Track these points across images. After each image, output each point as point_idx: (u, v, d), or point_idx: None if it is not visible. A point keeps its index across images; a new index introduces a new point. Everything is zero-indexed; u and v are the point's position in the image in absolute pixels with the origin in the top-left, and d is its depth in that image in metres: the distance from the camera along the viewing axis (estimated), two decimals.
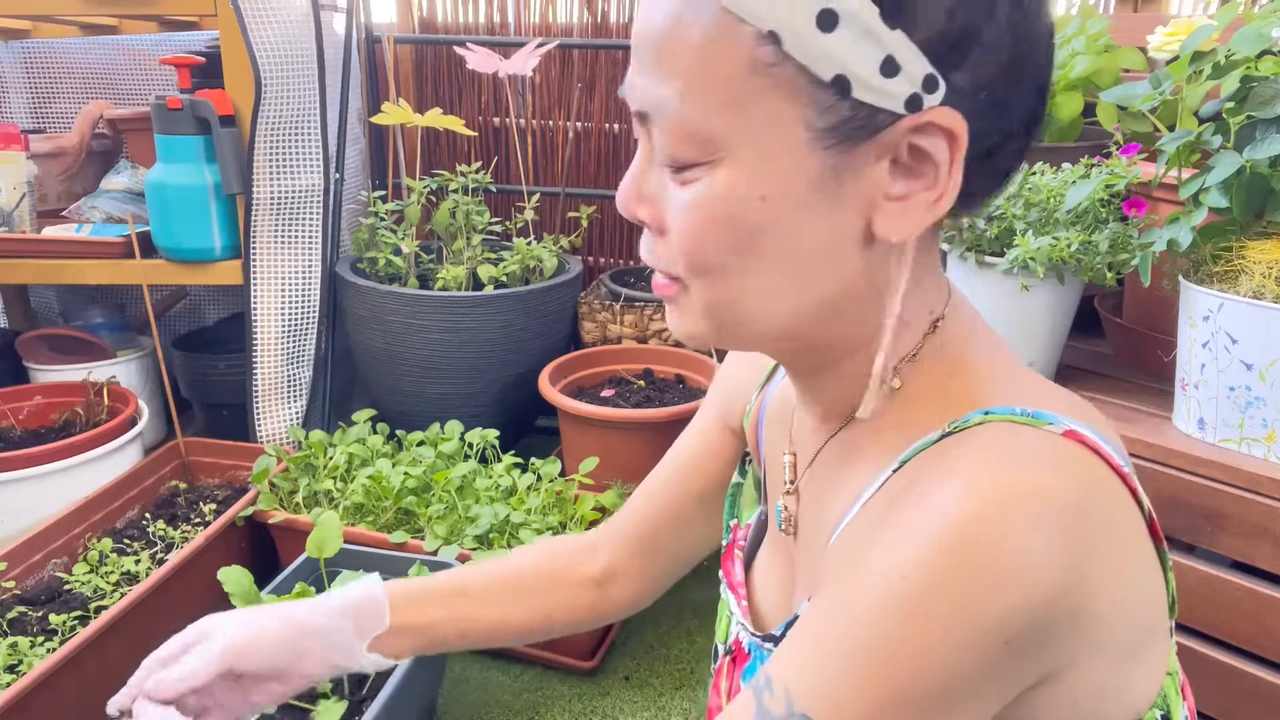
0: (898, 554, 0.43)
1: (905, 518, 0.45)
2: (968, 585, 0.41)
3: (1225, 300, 0.97)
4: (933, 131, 0.45)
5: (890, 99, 0.44)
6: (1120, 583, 0.45)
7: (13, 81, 2.15)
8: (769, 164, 0.46)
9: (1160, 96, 1.08)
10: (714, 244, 0.48)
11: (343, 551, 1.37)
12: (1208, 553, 1.03)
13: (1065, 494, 0.43)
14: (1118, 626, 0.46)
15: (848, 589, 0.45)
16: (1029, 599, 0.41)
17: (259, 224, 1.78)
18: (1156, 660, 0.51)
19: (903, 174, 0.46)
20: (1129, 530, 0.47)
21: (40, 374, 1.92)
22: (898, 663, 0.42)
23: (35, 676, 1.09)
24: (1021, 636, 0.42)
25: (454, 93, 2.35)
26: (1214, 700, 1.02)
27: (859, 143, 0.45)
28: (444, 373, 1.81)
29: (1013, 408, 0.48)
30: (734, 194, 0.46)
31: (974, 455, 0.46)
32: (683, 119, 0.46)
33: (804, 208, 0.46)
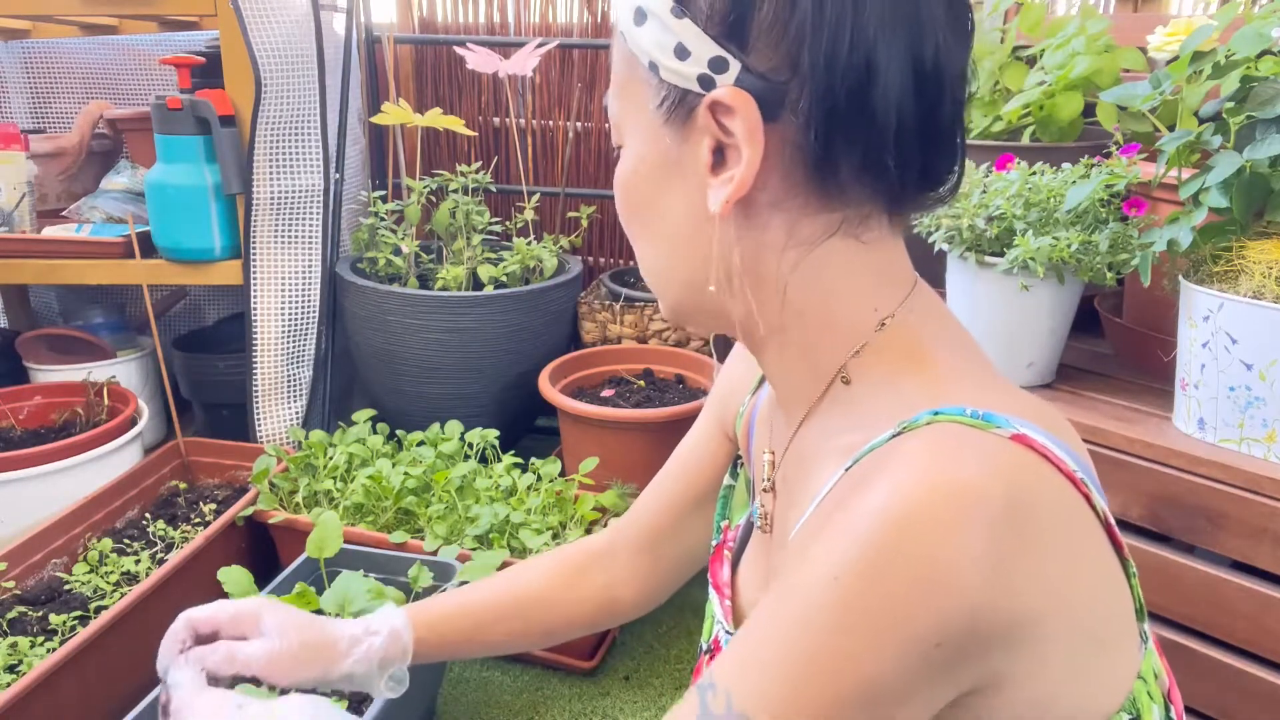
0: (830, 555, 0.44)
1: (841, 518, 0.45)
2: (894, 589, 0.41)
3: (1225, 300, 0.97)
4: (730, 110, 0.49)
5: (686, 80, 0.50)
6: (1064, 583, 0.45)
7: (13, 81, 2.15)
8: (640, 142, 0.54)
9: (1160, 96, 1.08)
10: (625, 217, 0.58)
11: (343, 551, 1.37)
12: (1208, 553, 1.02)
13: (997, 494, 0.43)
14: (1063, 631, 0.45)
15: (786, 590, 0.46)
16: (958, 600, 0.41)
17: (259, 224, 1.78)
18: (1121, 667, 0.50)
19: (728, 153, 0.50)
20: (1075, 533, 0.46)
21: (40, 374, 1.92)
22: (830, 667, 0.42)
23: (35, 676, 1.09)
24: (952, 639, 0.42)
25: (454, 93, 2.35)
26: (1214, 700, 1.02)
27: (683, 122, 0.51)
28: (444, 373, 1.81)
29: (963, 408, 0.48)
30: (625, 170, 0.56)
31: (910, 455, 0.46)
32: (610, 109, 0.57)
33: (664, 182, 0.54)
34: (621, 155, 0.56)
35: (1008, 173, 1.16)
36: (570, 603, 0.83)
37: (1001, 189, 1.14)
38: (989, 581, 0.42)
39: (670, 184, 0.53)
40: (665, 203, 0.54)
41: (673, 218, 0.54)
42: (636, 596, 0.84)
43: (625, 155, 0.56)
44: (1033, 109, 1.34)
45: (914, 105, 0.48)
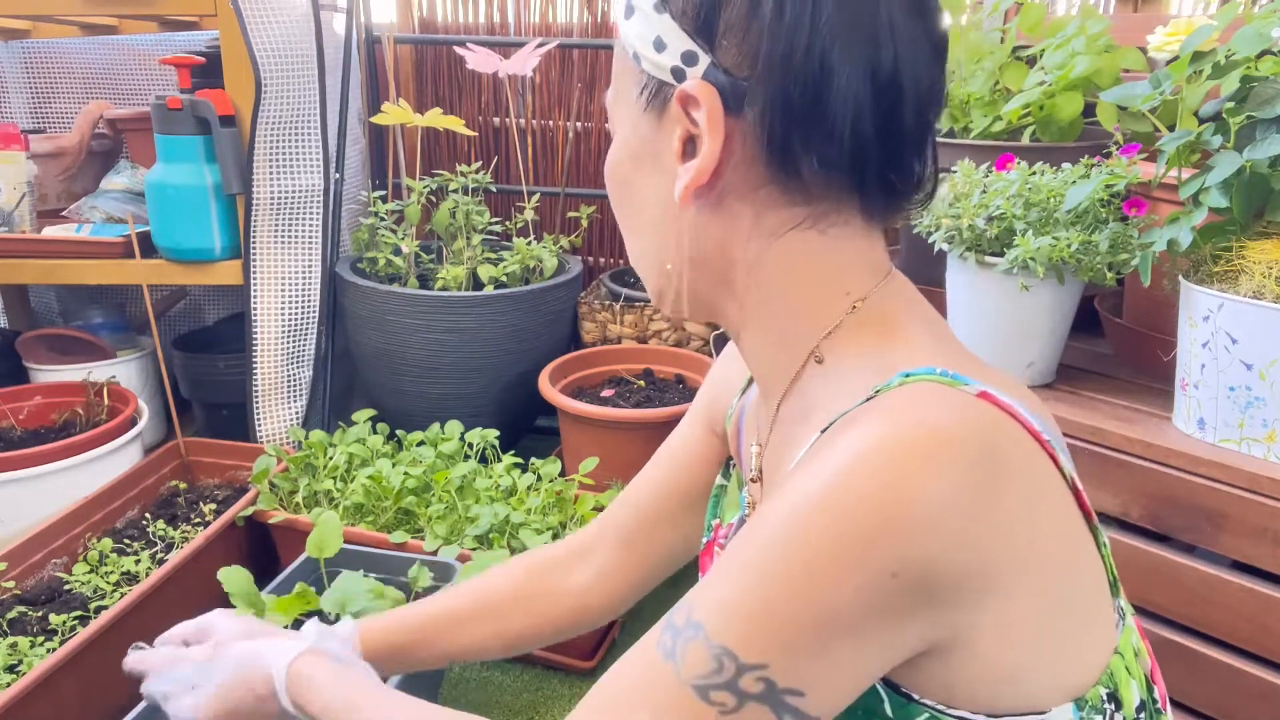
0: (797, 486, 0.45)
1: (818, 459, 0.46)
2: (856, 522, 0.42)
3: (1225, 300, 0.97)
4: (694, 102, 0.52)
5: (661, 70, 0.53)
6: (1029, 538, 0.46)
7: (13, 81, 2.15)
8: (625, 129, 0.58)
9: (1160, 96, 1.08)
10: (614, 203, 0.61)
11: (343, 551, 1.37)
12: (1208, 553, 1.02)
13: (964, 441, 0.44)
14: (1030, 587, 0.46)
15: (753, 520, 0.47)
16: (920, 534, 0.42)
17: (259, 224, 1.78)
18: (1097, 637, 0.51)
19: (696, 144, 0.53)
20: (1041, 490, 0.48)
21: (40, 374, 1.92)
22: (784, 579, 0.43)
23: (35, 676, 1.09)
24: (910, 573, 0.42)
25: (454, 93, 2.35)
26: (1214, 700, 1.02)
27: (660, 112, 0.54)
28: (444, 373, 1.81)
29: (933, 368, 0.50)
30: (612, 156, 0.59)
31: (888, 406, 0.47)
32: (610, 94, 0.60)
33: (646, 169, 0.57)
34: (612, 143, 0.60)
35: (1008, 173, 1.16)
36: (541, 607, 0.82)
37: (1001, 189, 1.14)
38: (954, 523, 0.42)
39: (648, 171, 0.57)
40: (644, 190, 0.58)
41: (650, 204, 0.58)
42: (609, 597, 0.83)
43: (614, 143, 0.59)
44: (1033, 109, 1.34)
45: (871, 112, 0.50)
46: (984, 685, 0.47)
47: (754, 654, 0.43)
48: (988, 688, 0.47)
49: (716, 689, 0.44)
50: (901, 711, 0.49)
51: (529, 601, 0.82)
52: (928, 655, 0.46)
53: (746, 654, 0.44)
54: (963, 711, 0.48)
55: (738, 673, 0.44)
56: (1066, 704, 0.49)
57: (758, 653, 0.43)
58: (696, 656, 0.45)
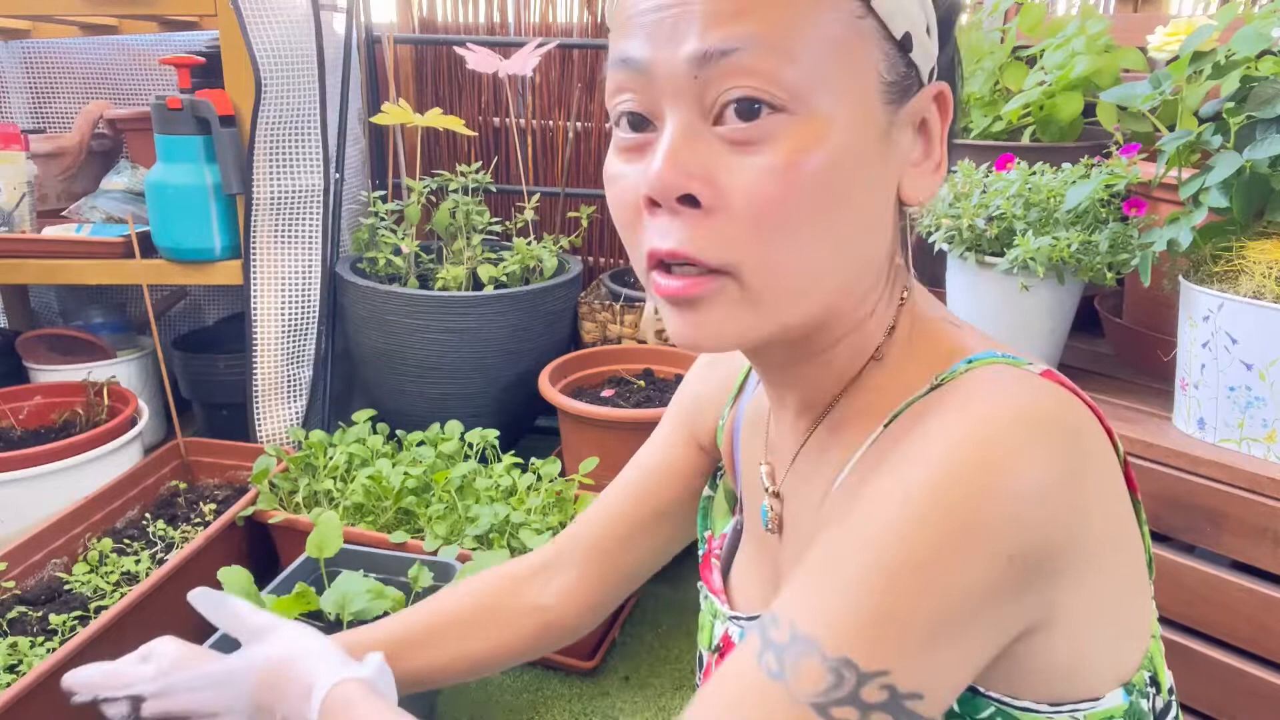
0: (899, 479, 0.44)
1: (905, 451, 0.45)
2: (970, 500, 0.42)
3: (1225, 300, 0.97)
4: (938, 100, 0.50)
5: (929, 61, 0.49)
6: (1107, 513, 0.47)
7: (13, 81, 2.15)
8: (852, 112, 0.46)
9: (1160, 96, 1.08)
10: (796, 207, 0.45)
11: (343, 551, 1.37)
12: (1208, 553, 1.02)
13: (1063, 419, 0.45)
14: (1108, 562, 0.46)
15: (847, 523, 0.45)
16: (1032, 514, 0.42)
17: (259, 224, 1.78)
18: (1143, 618, 0.52)
19: (921, 141, 0.51)
20: (1111, 467, 0.48)
21: (40, 374, 1.92)
22: (900, 579, 0.42)
23: (35, 676, 1.09)
24: (1023, 552, 0.42)
25: (454, 93, 2.35)
26: (1214, 700, 1.02)
27: (903, 104, 0.48)
28: (444, 373, 1.81)
29: (992, 352, 0.51)
30: (826, 143, 0.45)
31: (967, 392, 0.47)
32: (771, 54, 0.44)
33: (873, 163, 0.48)
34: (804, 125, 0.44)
35: (1008, 173, 1.16)
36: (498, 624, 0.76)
37: (1001, 189, 1.14)
38: (1056, 499, 0.43)
39: (877, 165, 0.48)
40: (870, 185, 0.48)
41: (872, 202, 0.48)
42: (577, 613, 0.78)
43: (821, 125, 0.45)
44: (1033, 109, 1.34)
45: None
46: (1051, 674, 0.47)
47: (875, 661, 0.42)
48: (1054, 676, 0.47)
49: (838, 704, 0.42)
50: (968, 705, 0.48)
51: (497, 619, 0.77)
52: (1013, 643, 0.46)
53: (868, 662, 0.42)
54: (1027, 702, 0.47)
55: (859, 683, 0.42)
56: (1118, 689, 0.49)
57: (879, 659, 0.42)
58: (810, 672, 0.42)
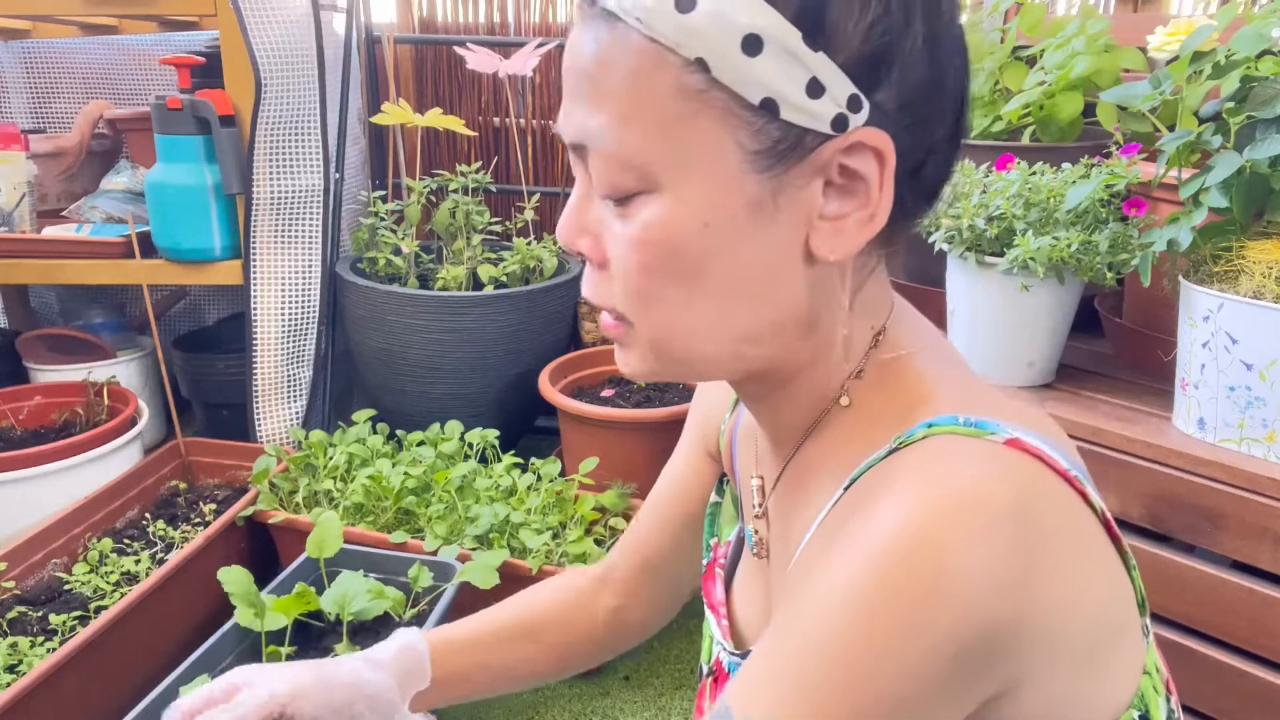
0: (839, 576, 0.43)
1: (846, 537, 0.44)
2: (907, 603, 0.41)
3: (1225, 300, 0.97)
4: (861, 151, 0.46)
5: (817, 119, 0.45)
6: (1072, 587, 0.45)
7: (13, 81, 2.15)
8: (707, 190, 0.46)
9: (1160, 96, 1.08)
10: (659, 275, 0.48)
11: (343, 551, 1.37)
12: (1208, 553, 1.02)
13: (1003, 501, 0.42)
14: (1075, 631, 0.45)
15: (795, 614, 0.45)
16: (972, 610, 0.41)
17: (259, 224, 1.78)
18: (1129, 661, 0.50)
19: (836, 194, 0.47)
20: (1077, 533, 0.46)
21: (40, 374, 1.92)
22: (845, 686, 0.41)
23: (35, 676, 1.09)
24: (970, 649, 0.41)
25: (454, 93, 2.35)
26: (1214, 700, 1.02)
27: (792, 164, 0.46)
28: (444, 373, 1.81)
29: (955, 417, 0.48)
30: (675, 222, 0.46)
31: (912, 470, 0.45)
32: (617, 148, 0.46)
33: (745, 232, 0.47)
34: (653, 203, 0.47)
35: (1008, 173, 1.16)
36: (581, 622, 0.81)
37: (1001, 189, 1.14)
38: (1002, 589, 0.41)
39: (748, 233, 0.47)
40: (736, 254, 0.48)
41: (742, 270, 0.48)
42: (643, 620, 0.82)
43: (672, 204, 0.47)
44: (1033, 109, 1.34)
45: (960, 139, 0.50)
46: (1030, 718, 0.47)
47: None
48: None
49: None
50: None
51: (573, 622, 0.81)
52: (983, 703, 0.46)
53: None
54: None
55: None
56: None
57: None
58: None
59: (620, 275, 0.49)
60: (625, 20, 0.45)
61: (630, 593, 0.81)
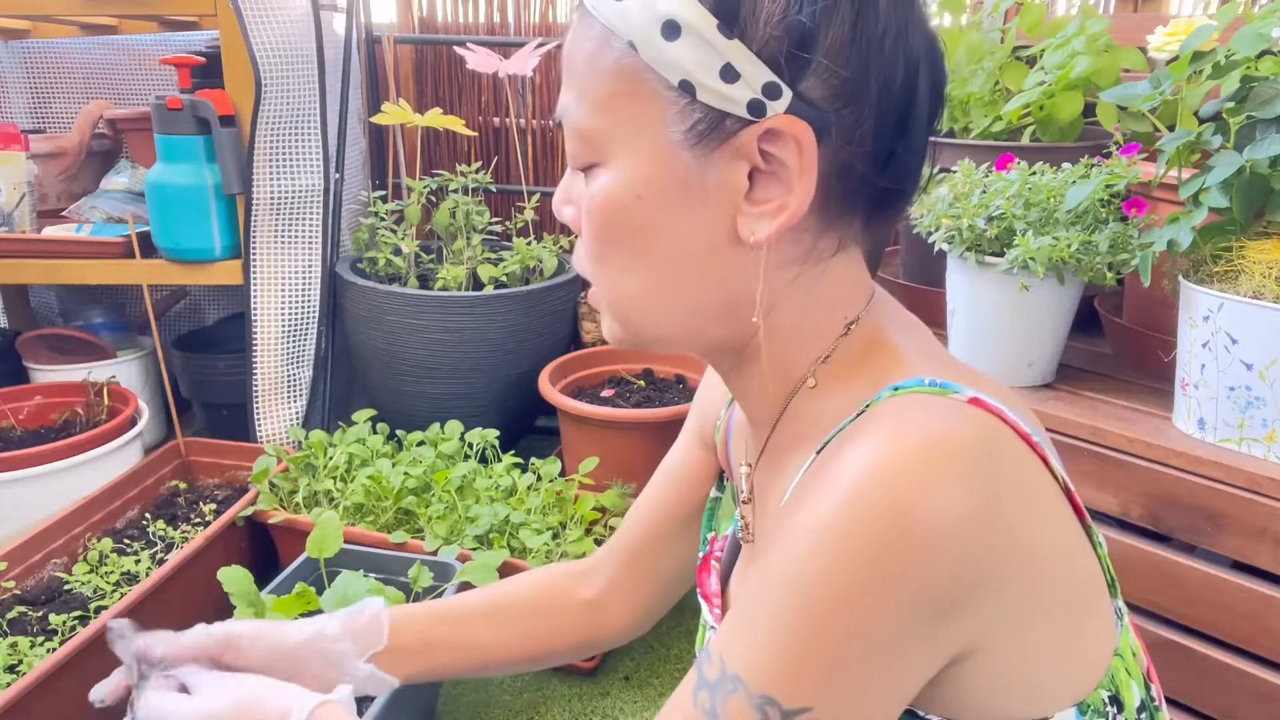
0: (810, 518, 0.44)
1: (815, 486, 0.46)
2: (875, 540, 0.42)
3: (1225, 300, 0.97)
4: (781, 138, 0.47)
5: (732, 104, 0.47)
6: (1035, 537, 0.46)
7: (13, 81, 2.15)
8: (641, 163, 0.50)
9: (1160, 96, 1.08)
10: (605, 242, 0.52)
11: (343, 551, 1.37)
12: (1208, 553, 1.02)
13: (967, 447, 0.44)
14: (1040, 584, 0.46)
15: (769, 560, 0.46)
16: (941, 548, 0.42)
17: (259, 224, 1.78)
18: (1099, 639, 0.51)
19: (763, 180, 0.49)
20: (1040, 491, 0.48)
21: (40, 374, 1.92)
22: (817, 618, 0.43)
23: (35, 676, 1.09)
24: (936, 586, 0.42)
25: (454, 93, 2.35)
26: (1214, 700, 1.02)
27: (715, 145, 0.48)
28: (444, 373, 1.81)
29: (920, 379, 0.50)
30: (615, 193, 0.51)
31: (877, 423, 0.47)
32: (575, 122, 0.51)
33: (676, 207, 0.50)
34: (601, 174, 0.51)
35: (1008, 173, 1.16)
36: (556, 616, 0.81)
37: (1001, 189, 1.14)
38: (967, 530, 0.42)
39: (681, 209, 0.50)
40: (670, 228, 0.50)
41: (679, 244, 0.51)
42: (622, 617, 0.82)
43: (613, 176, 0.51)
44: (1033, 109, 1.34)
45: (928, 123, 0.51)
46: (992, 695, 0.47)
47: (797, 699, 0.43)
48: (995, 697, 0.47)
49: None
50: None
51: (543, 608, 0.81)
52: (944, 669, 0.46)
53: (790, 700, 0.43)
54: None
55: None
56: (1069, 709, 0.49)
57: (800, 696, 0.43)
58: (738, 710, 0.44)
59: (581, 240, 0.54)
60: (588, 8, 0.50)
61: (612, 589, 0.81)
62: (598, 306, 0.56)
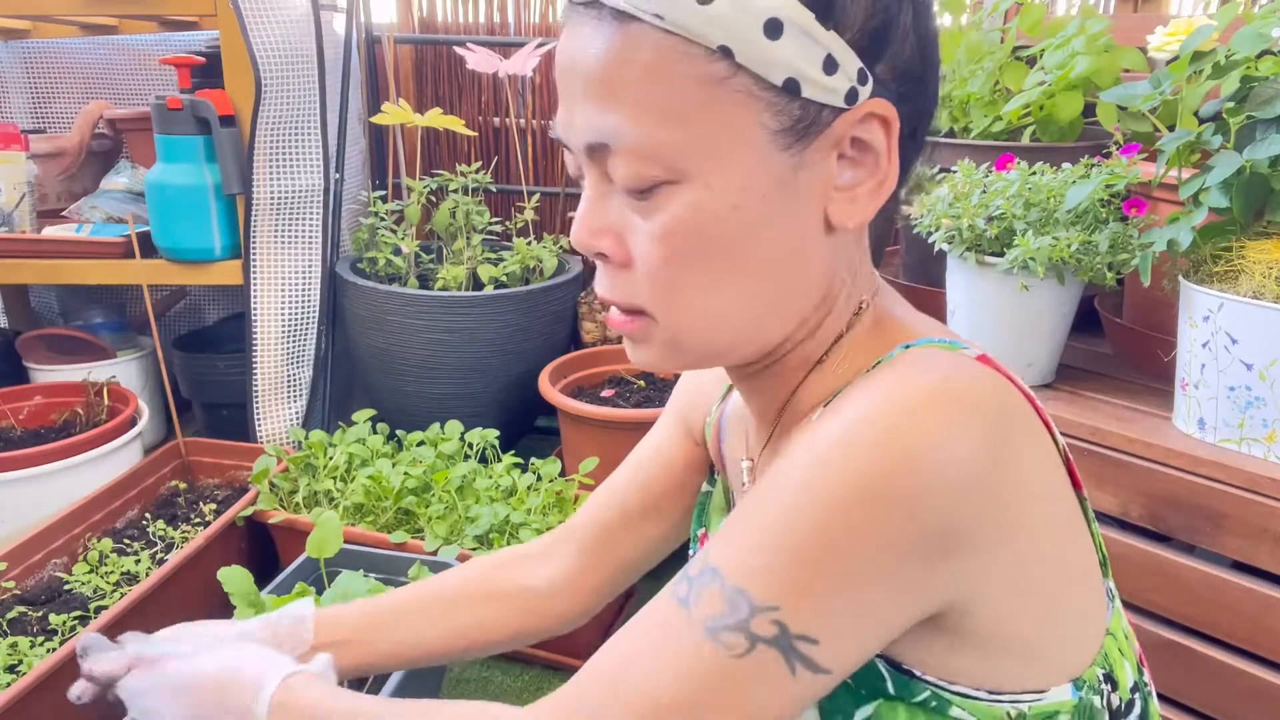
0: (810, 439, 0.45)
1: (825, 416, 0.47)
2: (869, 455, 0.43)
3: (1225, 300, 0.97)
4: (870, 121, 0.49)
5: (833, 94, 0.47)
6: (1035, 498, 0.46)
7: (13, 81, 2.15)
8: (734, 173, 0.48)
9: (1160, 96, 1.08)
10: (687, 265, 0.49)
11: (343, 551, 1.36)
12: (1208, 553, 1.02)
13: (980, 396, 0.45)
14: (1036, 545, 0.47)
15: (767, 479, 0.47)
16: (940, 484, 0.42)
17: (259, 224, 1.78)
18: (1092, 617, 0.52)
19: (849, 164, 0.50)
20: (1042, 454, 0.49)
21: (40, 374, 1.92)
22: (802, 525, 0.43)
23: (35, 676, 1.09)
24: (929, 521, 0.42)
25: (454, 93, 2.35)
26: (1214, 700, 1.02)
27: (810, 140, 0.48)
28: (444, 373, 1.81)
29: (931, 338, 0.52)
30: (705, 209, 0.48)
31: (893, 367, 0.48)
32: (640, 143, 0.47)
33: (773, 210, 0.49)
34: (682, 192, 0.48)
35: (1008, 173, 1.16)
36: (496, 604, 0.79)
37: (1001, 189, 1.14)
38: (970, 475, 0.43)
39: (777, 210, 0.49)
40: (767, 233, 0.49)
41: (775, 246, 0.49)
42: (573, 604, 0.80)
43: (700, 191, 0.48)
44: (1033, 109, 1.34)
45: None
46: (985, 661, 0.48)
47: (768, 596, 0.43)
48: (988, 664, 0.48)
49: (729, 630, 0.43)
50: (904, 689, 0.49)
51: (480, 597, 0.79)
52: (936, 623, 0.47)
53: (761, 596, 0.43)
54: (964, 688, 0.48)
55: (750, 614, 0.43)
56: (1065, 684, 0.49)
57: (771, 594, 0.43)
58: (710, 598, 0.45)
59: (645, 270, 0.50)
60: (640, 17, 0.46)
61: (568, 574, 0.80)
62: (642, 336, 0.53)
